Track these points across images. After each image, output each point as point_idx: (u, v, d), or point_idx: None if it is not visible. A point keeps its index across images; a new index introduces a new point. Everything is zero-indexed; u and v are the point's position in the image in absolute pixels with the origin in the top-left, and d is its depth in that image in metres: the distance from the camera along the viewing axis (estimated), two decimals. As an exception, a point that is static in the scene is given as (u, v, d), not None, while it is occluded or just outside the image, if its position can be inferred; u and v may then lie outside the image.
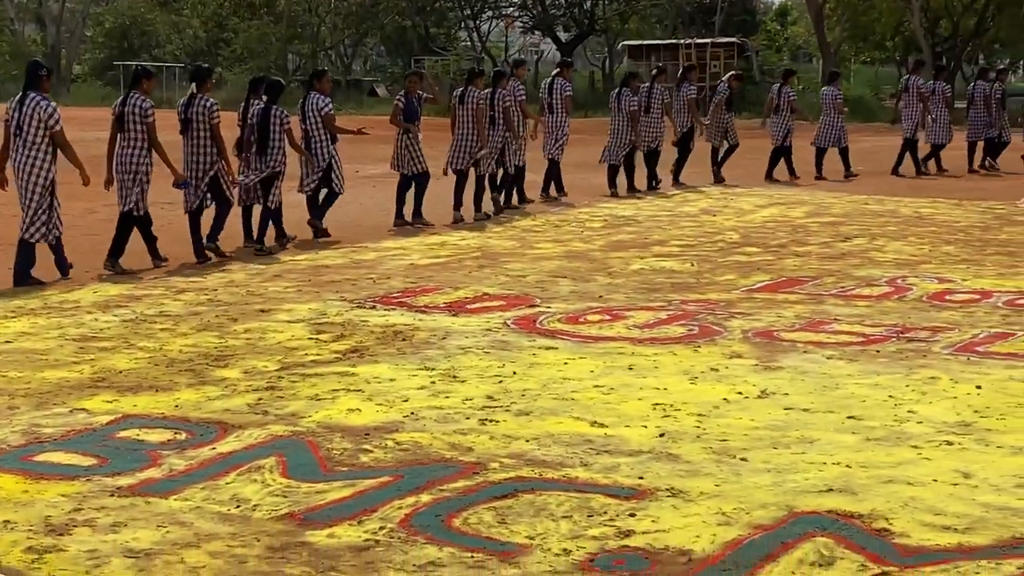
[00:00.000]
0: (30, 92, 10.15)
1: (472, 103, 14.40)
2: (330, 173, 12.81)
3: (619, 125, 17.39)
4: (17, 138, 10.14)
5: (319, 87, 12.92)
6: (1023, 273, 10.51)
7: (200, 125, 11.37)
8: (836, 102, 20.04)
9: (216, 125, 11.37)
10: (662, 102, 17.88)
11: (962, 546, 4.37)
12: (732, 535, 4.52)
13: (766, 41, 50.14)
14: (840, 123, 19.97)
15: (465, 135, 14.48)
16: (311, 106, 12.73)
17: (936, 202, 16.31)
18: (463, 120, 14.48)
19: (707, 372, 7.05)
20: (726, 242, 12.60)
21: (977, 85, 21.47)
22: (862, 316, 8.69)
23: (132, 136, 10.83)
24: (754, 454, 5.51)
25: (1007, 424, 5.95)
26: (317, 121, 12.71)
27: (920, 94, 20.36)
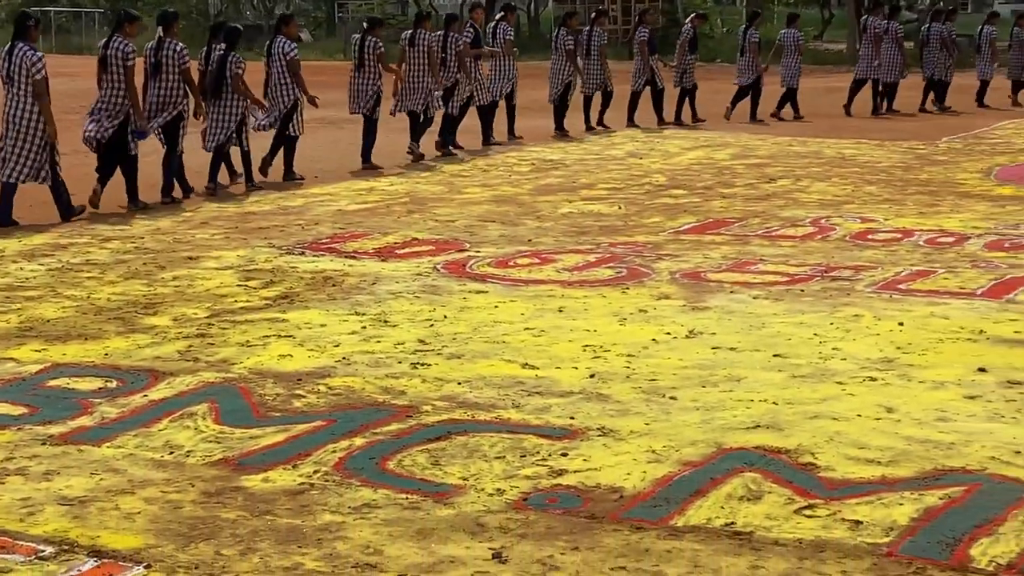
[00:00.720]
0: (18, 42, 10.31)
1: (423, 45, 14.54)
2: (292, 114, 12.89)
3: (557, 65, 17.48)
4: (9, 87, 10.35)
5: (286, 31, 13.08)
6: (944, 212, 10.69)
7: (170, 69, 11.40)
8: (798, 44, 20.19)
9: (187, 68, 11.48)
10: (601, 45, 17.90)
11: (885, 478, 4.49)
12: (662, 472, 4.60)
13: (690, -17, 50.09)
14: (799, 64, 20.06)
15: (417, 77, 14.59)
16: (278, 49, 12.84)
17: (859, 143, 16.49)
18: (415, 62, 14.57)
19: (636, 313, 7.13)
20: (653, 185, 12.68)
21: (932, 27, 21.73)
22: (787, 256, 8.81)
23: (115, 79, 10.95)
24: (683, 393, 5.59)
25: (928, 359, 6.09)
26: (282, 64, 12.80)
27: (875, 34, 20.52)
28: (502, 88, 16.63)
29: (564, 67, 17.43)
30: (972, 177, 12.96)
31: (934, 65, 21.23)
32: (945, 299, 7.36)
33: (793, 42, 20.13)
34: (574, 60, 17.37)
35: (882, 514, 4.16)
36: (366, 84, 14.08)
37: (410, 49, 14.59)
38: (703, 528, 4.11)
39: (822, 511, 4.20)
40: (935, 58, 21.20)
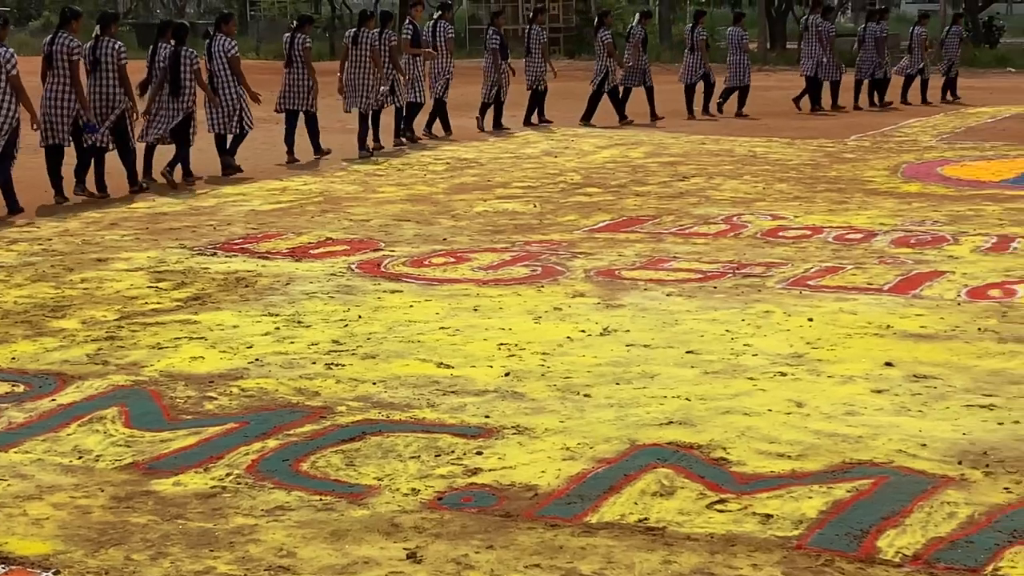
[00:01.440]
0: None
1: (366, 44, 14.87)
2: (240, 112, 13.12)
3: (488, 64, 17.70)
4: None
5: (226, 30, 13.35)
6: (852, 209, 10.85)
7: (108, 66, 11.65)
8: (743, 42, 20.57)
9: (124, 66, 11.69)
10: (540, 43, 18.17)
11: (795, 472, 4.55)
12: (576, 469, 4.63)
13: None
14: (746, 61, 20.53)
15: (361, 75, 14.90)
16: (218, 48, 13.09)
17: (770, 141, 16.68)
18: (358, 61, 14.90)
19: (551, 311, 7.16)
20: (568, 183, 12.73)
21: (868, 27, 22.20)
22: (700, 253, 8.89)
23: (60, 75, 11.26)
24: (597, 390, 5.63)
25: (837, 354, 6.18)
26: (223, 62, 13.06)
27: (819, 34, 20.95)
28: (440, 86, 16.86)
29: (494, 65, 17.66)
30: (880, 175, 13.17)
31: (871, 64, 21.68)
32: (853, 295, 7.47)
33: (738, 40, 20.52)
34: (496, 59, 17.56)
35: (792, 507, 4.22)
36: (298, 81, 14.28)
37: (353, 48, 14.93)
38: (617, 524, 4.13)
39: (733, 505, 4.25)
40: (871, 57, 21.65)
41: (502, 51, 17.74)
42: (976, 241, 9.16)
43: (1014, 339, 6.38)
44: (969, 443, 4.81)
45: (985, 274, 7.98)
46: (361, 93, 14.93)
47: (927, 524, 4.06)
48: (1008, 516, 4.09)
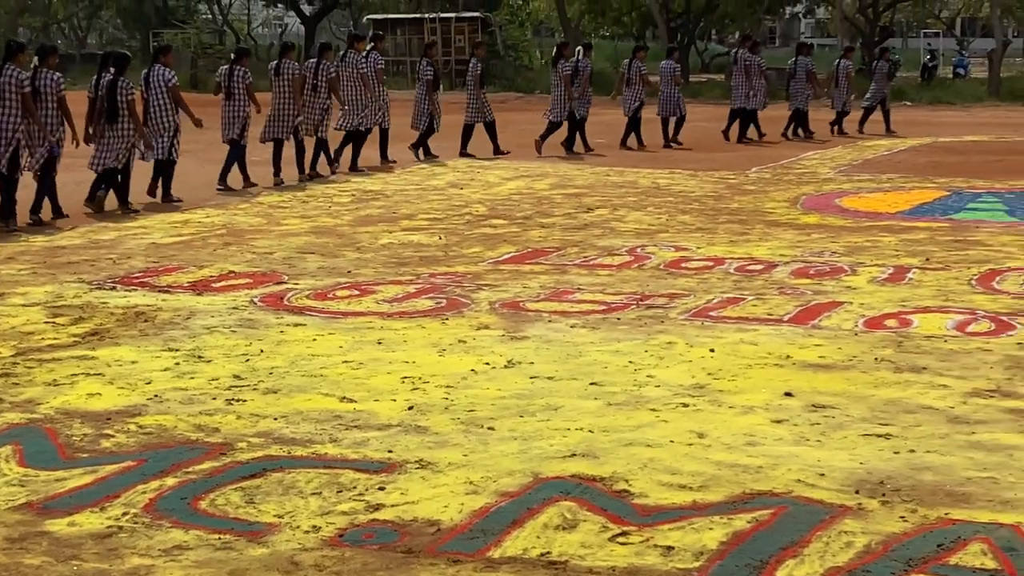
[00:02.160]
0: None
1: (288, 74, 15.42)
2: (172, 141, 13.55)
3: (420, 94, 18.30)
4: None
5: (164, 60, 13.85)
6: (753, 240, 10.99)
7: (48, 97, 12.01)
8: (675, 75, 21.23)
9: (63, 97, 12.10)
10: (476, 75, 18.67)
11: (696, 503, 4.58)
12: (479, 503, 4.61)
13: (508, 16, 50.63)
14: (678, 94, 21.15)
15: (282, 105, 15.39)
16: (156, 77, 13.52)
17: (673, 173, 16.86)
18: (280, 91, 15.40)
19: (455, 344, 7.15)
20: (473, 215, 12.75)
21: (799, 60, 22.95)
22: (604, 285, 8.94)
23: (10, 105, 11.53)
24: (501, 423, 5.62)
25: (738, 385, 6.24)
26: (162, 91, 13.50)
27: (747, 67, 21.79)
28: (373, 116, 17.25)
29: (426, 97, 18.21)
30: (780, 206, 13.37)
31: (799, 96, 22.49)
32: (754, 325, 7.56)
33: (671, 73, 21.18)
34: (431, 90, 18.18)
35: (693, 539, 4.24)
36: (236, 111, 14.78)
37: (276, 78, 15.41)
38: (519, 559, 4.13)
39: (635, 538, 4.27)
40: (801, 88, 22.46)
41: (434, 82, 18.34)
42: (873, 272, 9.33)
43: (909, 368, 6.49)
44: (866, 472, 4.88)
45: (882, 304, 8.12)
46: (282, 123, 15.37)
47: (825, 554, 4.10)
48: (904, 545, 4.15)
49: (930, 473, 4.86)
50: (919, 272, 9.29)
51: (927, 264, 9.64)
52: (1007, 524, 4.31)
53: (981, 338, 7.18)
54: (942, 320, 7.66)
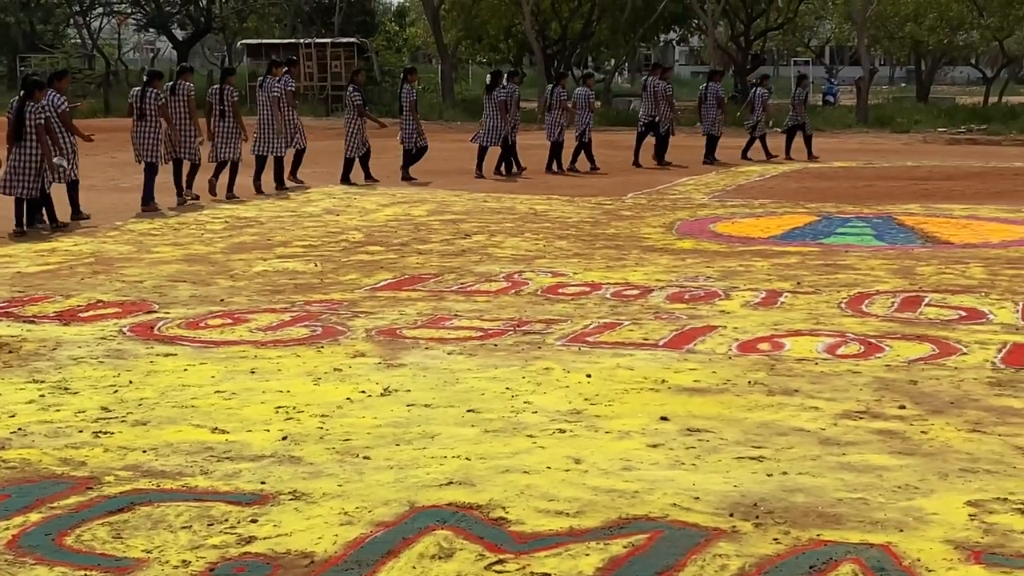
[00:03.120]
0: None
1: (184, 95, 15.86)
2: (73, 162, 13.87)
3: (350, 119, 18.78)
4: None
5: (58, 86, 14.14)
6: (629, 265, 11.07)
7: None
8: (589, 101, 22.04)
9: None
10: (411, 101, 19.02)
11: (573, 529, 4.56)
12: (354, 534, 4.54)
13: (385, 42, 50.63)
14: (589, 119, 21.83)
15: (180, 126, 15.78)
16: (49, 103, 13.53)
17: (550, 198, 16.95)
18: (177, 112, 15.78)
19: (331, 372, 7.06)
20: (349, 241, 12.66)
21: (709, 86, 23.77)
22: (481, 311, 8.92)
23: None
24: (377, 452, 5.56)
25: (614, 410, 6.26)
26: (54, 117, 13.53)
27: (655, 93, 22.58)
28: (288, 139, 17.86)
29: (355, 122, 18.64)
30: (656, 231, 13.50)
31: (711, 121, 23.23)
32: (630, 350, 7.60)
33: (585, 99, 21.93)
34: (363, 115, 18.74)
35: (569, 565, 4.22)
36: (148, 133, 15.28)
37: (172, 98, 15.81)
38: (395, 590, 4.07)
39: (512, 565, 4.23)
40: (712, 114, 23.21)
41: (364, 107, 18.81)
42: (746, 296, 9.45)
43: (782, 391, 6.57)
44: (740, 495, 4.91)
45: (755, 328, 8.23)
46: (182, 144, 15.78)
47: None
48: (777, 567, 4.19)
49: (802, 495, 4.92)
50: (791, 296, 9.44)
51: (798, 288, 9.80)
52: (877, 544, 4.37)
53: (851, 360, 7.31)
54: (813, 343, 7.78)
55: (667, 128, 22.65)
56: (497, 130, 20.15)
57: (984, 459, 5.38)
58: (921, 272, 10.58)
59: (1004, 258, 11.43)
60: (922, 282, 10.06)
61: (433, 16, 42.25)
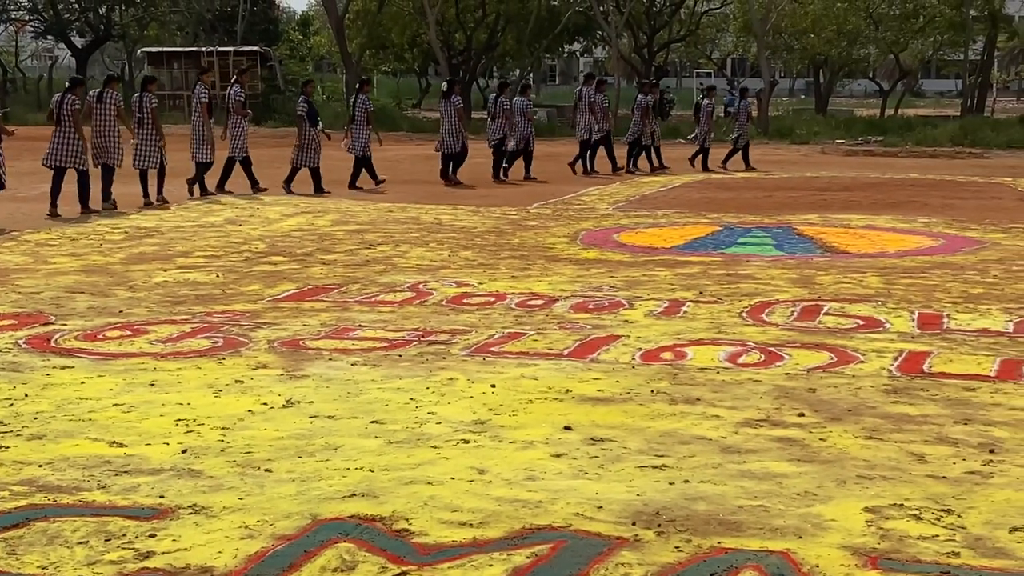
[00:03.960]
0: None
1: (111, 103, 16.31)
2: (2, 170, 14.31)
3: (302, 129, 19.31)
4: None
5: None
6: (534, 275, 11.11)
7: None
8: (527, 111, 22.88)
9: None
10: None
11: (477, 540, 4.55)
12: (255, 548, 4.49)
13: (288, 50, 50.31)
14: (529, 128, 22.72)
15: (106, 133, 16.35)
16: None
17: (455, 208, 16.96)
18: (104, 119, 16.34)
19: (232, 384, 6.98)
20: (252, 252, 12.54)
21: (639, 98, 24.87)
22: (386, 321, 8.89)
23: None
24: (279, 464, 5.50)
25: (519, 420, 6.26)
26: None
27: (590, 104, 23.55)
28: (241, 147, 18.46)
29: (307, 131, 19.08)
30: (560, 242, 13.57)
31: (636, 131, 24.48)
32: (534, 360, 7.61)
33: (523, 109, 22.68)
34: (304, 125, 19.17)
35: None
36: (68, 139, 15.51)
37: (99, 106, 16.30)
38: (296, 604, 4.02)
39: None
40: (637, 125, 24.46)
41: (310, 117, 19.12)
42: (649, 305, 9.53)
43: (684, 400, 6.63)
44: (643, 504, 4.94)
45: (658, 337, 8.30)
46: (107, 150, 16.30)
47: (603, 586, 4.13)
48: (678, 575, 4.21)
49: (704, 503, 4.96)
50: (693, 305, 9.53)
51: (700, 297, 9.90)
52: (777, 551, 4.42)
53: (751, 369, 7.40)
54: (715, 352, 7.86)
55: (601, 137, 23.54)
56: (454, 136, 20.79)
57: (881, 466, 5.47)
58: (820, 281, 10.74)
59: (900, 267, 11.65)
60: (821, 291, 10.22)
61: (337, 25, 42.08)
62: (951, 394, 6.78)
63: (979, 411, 6.42)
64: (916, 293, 10.12)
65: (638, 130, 24.43)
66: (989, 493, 5.08)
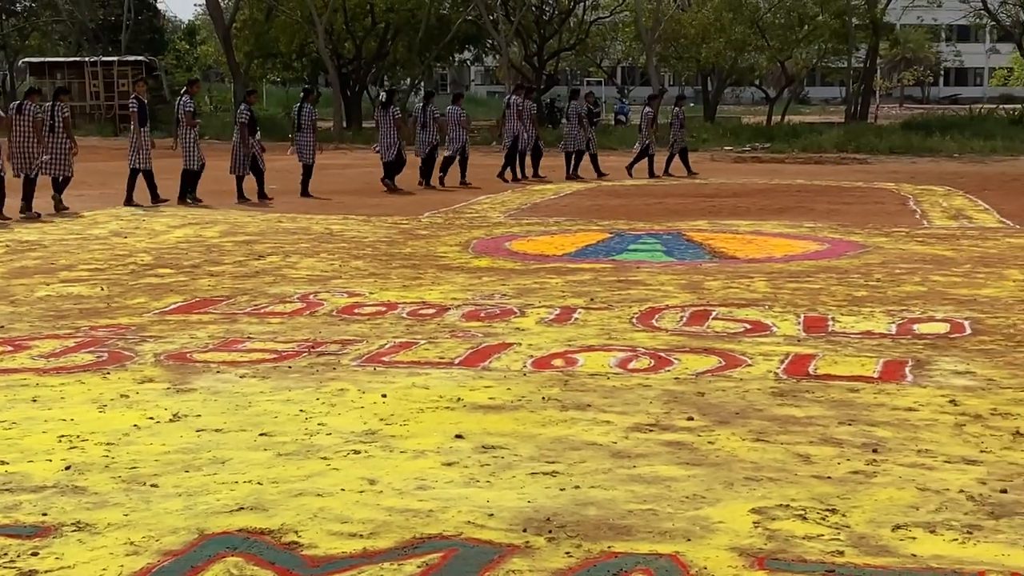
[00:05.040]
0: None
1: (29, 115, 17.01)
2: None
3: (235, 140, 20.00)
4: None
5: None
6: (426, 284, 11.08)
7: None
8: (462, 120, 23.60)
9: None
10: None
11: (367, 551, 4.52)
12: (141, 564, 4.41)
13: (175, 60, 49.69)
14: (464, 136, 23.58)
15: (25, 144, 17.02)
16: None
17: (347, 219, 16.86)
18: (22, 131, 16.99)
19: (117, 399, 6.86)
20: (138, 264, 12.34)
21: (571, 104, 25.83)
22: (275, 333, 8.80)
23: None
24: (165, 479, 5.41)
25: (410, 429, 6.24)
26: None
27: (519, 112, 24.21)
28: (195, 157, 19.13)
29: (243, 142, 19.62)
30: (452, 250, 13.56)
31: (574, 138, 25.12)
32: (426, 369, 7.60)
33: (457, 118, 23.48)
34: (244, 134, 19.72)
35: (363, 588, 4.18)
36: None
37: (18, 117, 16.99)
38: (183, 620, 3.96)
39: (304, 590, 4.17)
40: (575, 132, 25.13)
41: (251, 125, 19.70)
42: (541, 313, 9.56)
43: (575, 406, 6.66)
44: (534, 510, 4.95)
45: (549, 344, 8.33)
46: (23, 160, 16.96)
47: (494, 594, 4.13)
48: (569, 580, 4.23)
49: (594, 508, 4.98)
50: (584, 312, 9.58)
51: (591, 304, 9.95)
52: (666, 554, 4.46)
53: (641, 374, 7.46)
54: (605, 358, 7.91)
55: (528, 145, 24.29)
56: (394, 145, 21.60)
57: (767, 467, 5.54)
58: (709, 287, 10.87)
59: (787, 272, 11.84)
60: (709, 296, 10.34)
61: (224, 34, 41.65)
62: (836, 395, 6.90)
63: (863, 412, 6.54)
64: (802, 297, 10.29)
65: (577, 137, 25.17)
66: (872, 492, 5.18)
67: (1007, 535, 4.66)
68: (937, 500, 5.07)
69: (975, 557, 4.43)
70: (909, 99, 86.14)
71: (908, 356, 7.95)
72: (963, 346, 8.27)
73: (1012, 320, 9.18)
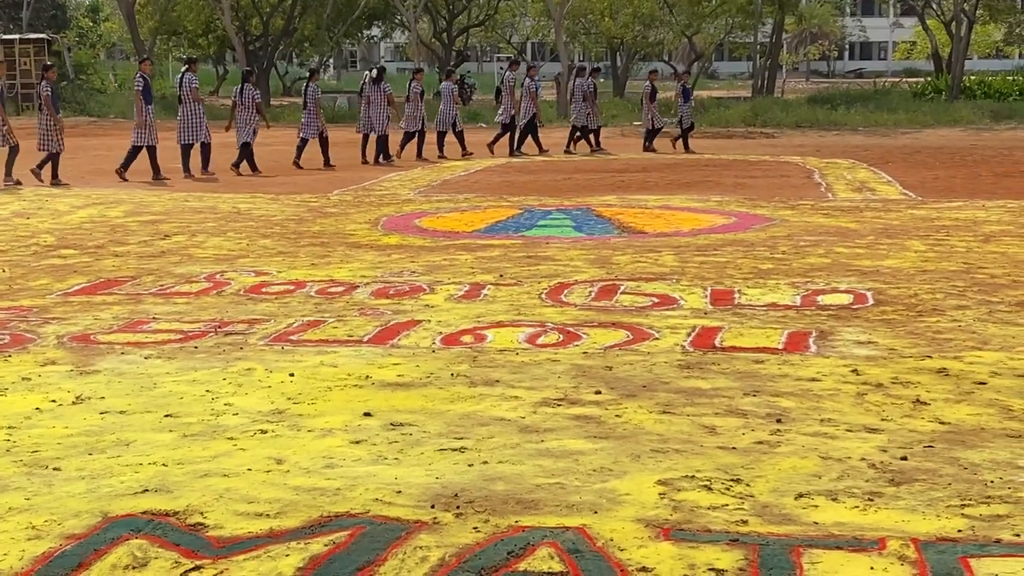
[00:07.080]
0: None
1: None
2: None
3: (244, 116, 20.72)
4: None
5: None
6: (335, 262, 11.02)
7: None
8: (453, 95, 24.73)
9: None
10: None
11: (273, 530, 4.50)
12: (42, 549, 4.35)
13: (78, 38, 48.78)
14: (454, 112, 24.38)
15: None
16: None
17: (254, 197, 16.70)
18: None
19: (18, 382, 6.75)
20: (40, 245, 12.13)
21: (576, 82, 26.15)
22: (181, 313, 8.70)
23: None
24: (68, 462, 5.34)
25: (317, 408, 6.21)
26: None
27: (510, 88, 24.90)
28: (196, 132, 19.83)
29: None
30: (361, 228, 13.49)
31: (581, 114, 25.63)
32: (334, 347, 7.56)
33: (449, 93, 24.53)
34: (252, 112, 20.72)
35: (268, 567, 4.15)
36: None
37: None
38: (85, 605, 3.91)
39: (209, 571, 4.13)
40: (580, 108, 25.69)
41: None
42: (450, 289, 9.55)
43: (483, 382, 6.67)
44: (442, 486, 4.95)
45: (458, 321, 8.33)
46: None
47: (400, 570, 4.12)
48: (475, 555, 4.24)
49: (502, 483, 5.00)
50: (493, 288, 9.59)
51: (501, 280, 9.97)
52: (572, 527, 4.48)
53: (550, 349, 7.49)
54: (514, 333, 7.93)
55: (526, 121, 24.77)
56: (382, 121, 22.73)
57: (673, 439, 5.60)
58: (617, 261, 10.94)
59: (694, 246, 11.95)
60: (618, 271, 10.40)
61: (128, 11, 40.96)
62: (741, 367, 6.99)
63: (767, 383, 6.63)
64: (709, 270, 10.39)
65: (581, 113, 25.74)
66: (776, 462, 5.26)
67: (907, 502, 4.75)
68: (839, 468, 5.16)
69: (876, 524, 4.52)
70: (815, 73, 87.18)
71: (812, 327, 8.06)
72: (866, 316, 8.41)
73: (913, 290, 9.36)
